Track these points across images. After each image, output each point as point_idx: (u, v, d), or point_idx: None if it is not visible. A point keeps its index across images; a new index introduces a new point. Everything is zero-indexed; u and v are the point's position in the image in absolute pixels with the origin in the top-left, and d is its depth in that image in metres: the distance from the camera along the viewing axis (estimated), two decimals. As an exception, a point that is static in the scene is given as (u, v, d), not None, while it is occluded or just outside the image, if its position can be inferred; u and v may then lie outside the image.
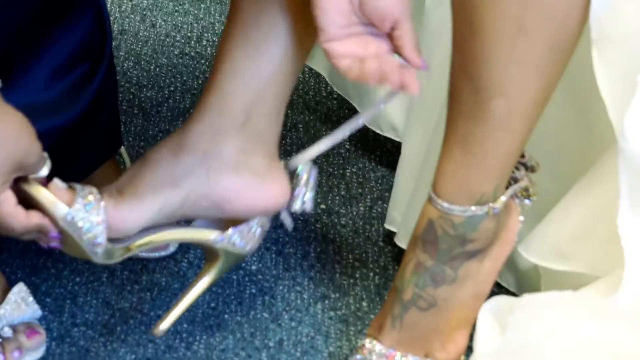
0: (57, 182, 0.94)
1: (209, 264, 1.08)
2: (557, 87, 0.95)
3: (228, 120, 0.99)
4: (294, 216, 1.24)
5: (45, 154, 0.91)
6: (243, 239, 1.05)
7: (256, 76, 0.97)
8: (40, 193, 0.92)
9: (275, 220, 1.12)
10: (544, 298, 0.99)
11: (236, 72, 0.98)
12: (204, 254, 1.10)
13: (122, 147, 1.24)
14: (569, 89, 1.02)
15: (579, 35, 0.91)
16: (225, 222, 1.05)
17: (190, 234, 1.05)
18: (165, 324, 1.08)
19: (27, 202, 0.92)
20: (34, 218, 0.92)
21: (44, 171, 0.91)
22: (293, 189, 1.04)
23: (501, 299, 1.02)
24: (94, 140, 1.08)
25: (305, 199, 1.05)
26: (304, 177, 1.04)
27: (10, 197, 0.89)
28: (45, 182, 0.93)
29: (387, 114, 1.37)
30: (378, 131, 1.39)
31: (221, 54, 0.99)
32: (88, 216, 0.93)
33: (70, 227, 0.93)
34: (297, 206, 1.05)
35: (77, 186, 0.95)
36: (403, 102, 1.34)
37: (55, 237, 0.95)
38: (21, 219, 0.91)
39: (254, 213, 1.04)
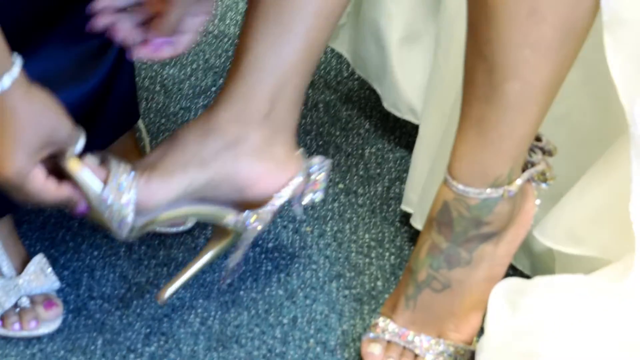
0: (92, 159, 0.96)
1: (217, 240, 1.11)
2: (572, 70, 0.95)
3: (254, 110, 1.02)
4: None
5: (80, 129, 0.93)
6: (256, 221, 1.07)
7: (280, 67, 1.00)
8: (75, 170, 0.94)
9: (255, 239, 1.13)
10: (555, 281, 1.00)
11: (260, 63, 1.00)
12: (213, 229, 1.12)
13: (140, 120, 1.25)
14: (584, 71, 1.02)
15: (593, 18, 0.91)
16: (239, 203, 1.07)
17: (209, 211, 1.06)
18: (168, 292, 1.11)
19: (60, 173, 0.94)
20: (65, 191, 0.95)
21: (79, 146, 0.93)
22: (306, 183, 1.08)
23: (513, 281, 1.03)
24: (111, 112, 1.09)
25: (314, 196, 1.10)
26: (316, 175, 1.10)
27: (39, 174, 0.92)
28: (80, 157, 0.95)
29: (405, 96, 1.37)
30: (397, 114, 1.39)
31: (244, 43, 1.01)
32: (120, 196, 0.96)
33: (102, 205, 0.96)
34: (306, 200, 1.10)
35: (112, 163, 0.98)
36: (421, 84, 1.34)
37: (83, 210, 0.97)
38: (51, 193, 0.93)
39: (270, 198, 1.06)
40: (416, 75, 1.36)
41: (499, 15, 0.91)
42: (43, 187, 0.92)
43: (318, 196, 1.10)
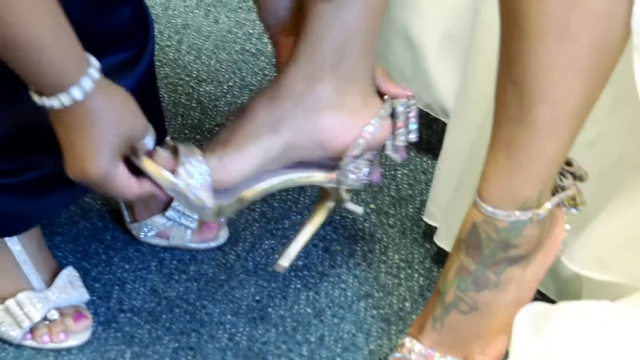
0: (161, 151, 0.98)
1: (322, 201, 1.12)
2: (601, 94, 0.95)
3: (320, 63, 1.00)
4: (345, 215, 1.27)
5: (150, 125, 0.95)
6: (352, 175, 1.06)
7: (343, 17, 0.98)
8: (147, 164, 0.96)
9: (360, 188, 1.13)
10: (580, 306, 0.99)
11: (322, 16, 0.99)
12: (319, 191, 1.12)
13: (168, 137, 1.26)
14: (614, 95, 1.01)
15: (625, 40, 0.91)
16: (332, 157, 1.05)
17: (299, 177, 1.06)
18: (284, 261, 1.12)
19: (137, 170, 0.96)
20: (146, 187, 0.97)
21: (149, 142, 0.95)
22: (394, 125, 1.06)
23: (538, 305, 1.02)
24: None
25: (409, 136, 1.07)
26: (402, 111, 1.05)
27: (123, 171, 0.93)
28: (151, 151, 0.97)
29: (439, 97, 1.37)
30: (430, 112, 1.40)
31: (306, 4, 1.00)
32: (192, 182, 0.97)
33: (177, 194, 0.97)
34: (400, 141, 1.07)
35: (181, 150, 0.98)
36: (453, 87, 1.33)
37: (164, 200, 1.00)
38: (134, 190, 0.95)
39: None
40: (450, 76, 1.36)
41: (530, 36, 0.91)
42: (127, 184, 0.94)
43: (412, 136, 1.07)
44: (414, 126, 1.07)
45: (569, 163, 1.05)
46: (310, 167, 1.06)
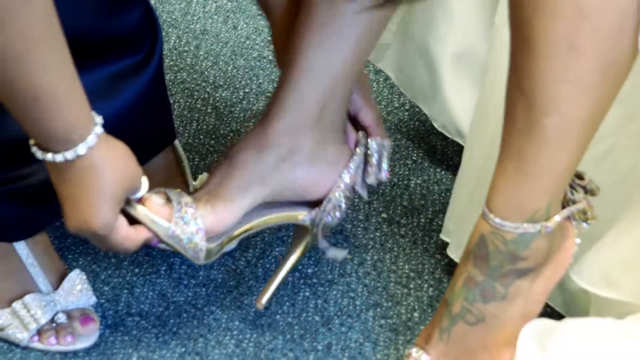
0: (154, 199, 1.00)
1: (299, 238, 1.15)
2: (611, 110, 0.94)
3: (306, 117, 1.05)
4: (356, 224, 1.26)
5: (144, 175, 0.97)
6: (329, 215, 1.10)
7: (330, 72, 1.04)
8: (141, 214, 0.99)
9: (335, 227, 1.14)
10: (585, 323, 0.98)
11: (312, 70, 1.03)
12: (293, 229, 1.16)
13: (177, 140, 1.27)
14: (624, 111, 1.01)
15: (633, 55, 0.90)
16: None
17: (280, 217, 1.11)
18: (265, 298, 1.15)
19: (129, 218, 0.98)
20: (142, 234, 0.99)
21: (142, 191, 0.97)
22: (366, 163, 1.12)
23: (542, 321, 1.02)
24: (146, 129, 1.11)
25: (380, 176, 1.13)
26: (374, 155, 1.12)
27: (123, 221, 0.96)
28: (142, 198, 0.99)
29: (455, 118, 1.37)
30: (446, 134, 1.39)
31: (294, 51, 1.04)
32: (187, 228, 1.01)
33: (173, 240, 1.00)
34: (371, 180, 1.13)
35: (173, 197, 1.02)
36: (469, 110, 1.33)
37: (157, 244, 1.02)
38: (134, 239, 0.98)
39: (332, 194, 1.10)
40: (466, 97, 1.36)
41: (539, 49, 0.90)
42: (127, 234, 0.96)
43: (383, 176, 1.13)
44: (385, 165, 1.13)
45: (580, 177, 1.04)
46: (288, 206, 1.11)
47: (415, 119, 1.53)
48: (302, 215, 1.10)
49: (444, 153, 1.47)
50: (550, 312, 1.15)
